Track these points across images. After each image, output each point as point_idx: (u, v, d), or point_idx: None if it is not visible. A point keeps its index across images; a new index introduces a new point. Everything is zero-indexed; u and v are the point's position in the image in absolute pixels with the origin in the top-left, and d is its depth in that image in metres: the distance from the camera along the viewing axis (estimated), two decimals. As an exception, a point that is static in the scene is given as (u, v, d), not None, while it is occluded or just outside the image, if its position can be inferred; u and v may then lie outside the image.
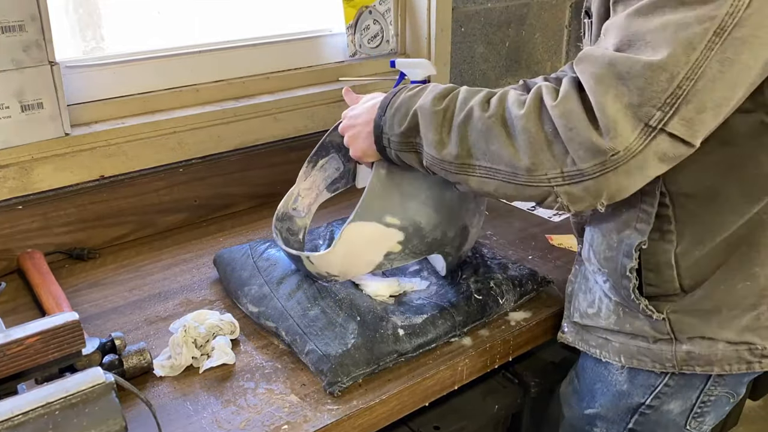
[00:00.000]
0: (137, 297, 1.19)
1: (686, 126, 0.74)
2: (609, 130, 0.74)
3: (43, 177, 1.27)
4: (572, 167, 0.78)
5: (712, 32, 0.71)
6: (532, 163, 0.81)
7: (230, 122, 1.46)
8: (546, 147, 0.79)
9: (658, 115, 0.73)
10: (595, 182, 0.78)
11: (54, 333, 0.77)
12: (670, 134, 0.74)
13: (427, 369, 1.01)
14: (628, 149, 0.75)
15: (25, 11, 1.15)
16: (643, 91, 0.73)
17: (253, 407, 0.93)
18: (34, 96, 1.21)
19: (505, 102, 0.85)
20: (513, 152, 0.82)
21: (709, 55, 0.72)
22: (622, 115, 0.74)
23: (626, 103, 0.74)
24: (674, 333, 0.95)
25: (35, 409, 0.68)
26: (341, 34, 1.65)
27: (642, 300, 0.94)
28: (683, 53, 0.72)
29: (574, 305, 1.06)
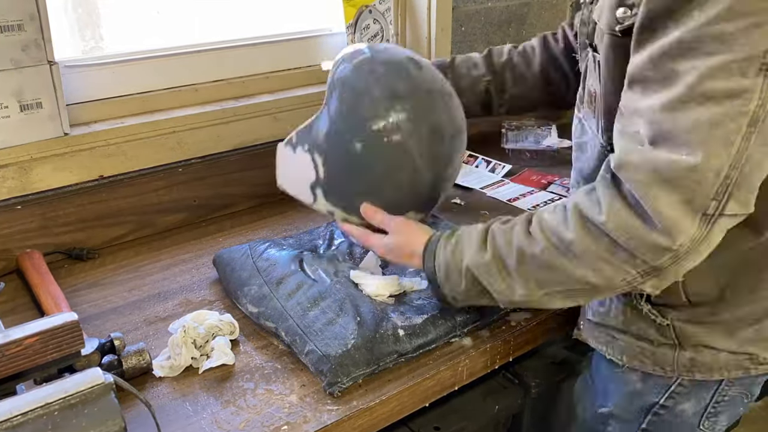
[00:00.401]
0: (136, 297, 1.19)
1: (743, 205, 0.77)
2: (670, 230, 0.77)
3: (42, 177, 1.26)
4: (645, 266, 0.81)
5: (746, 125, 0.73)
6: (607, 277, 0.83)
7: (230, 122, 1.46)
8: (611, 258, 0.82)
9: (713, 205, 0.76)
10: (671, 270, 0.81)
11: (53, 333, 0.76)
12: (729, 215, 0.77)
13: (428, 369, 1.00)
14: (694, 239, 0.77)
15: (24, 10, 1.15)
16: (694, 190, 0.75)
17: (253, 408, 0.93)
18: (33, 96, 1.20)
19: (547, 230, 0.87)
20: (583, 274, 0.84)
21: (748, 144, 0.74)
22: (680, 213, 0.76)
23: (679, 201, 0.76)
24: (678, 339, 0.96)
25: (34, 409, 0.68)
26: (341, 34, 1.64)
27: (645, 306, 0.96)
28: (723, 150, 0.74)
29: (589, 303, 1.07)
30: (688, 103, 0.75)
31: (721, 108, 0.73)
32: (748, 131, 0.73)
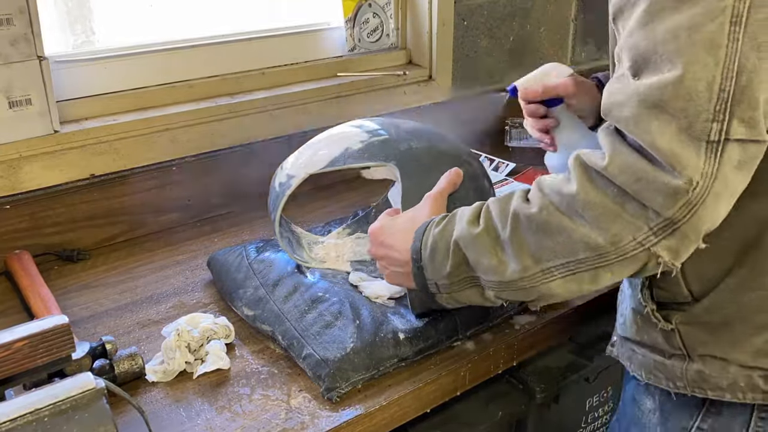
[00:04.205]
0: (129, 300, 1.18)
1: (748, 125, 0.68)
2: (673, 165, 0.69)
3: (31, 176, 1.25)
4: (658, 219, 0.71)
5: (729, 23, 0.67)
6: (614, 235, 0.73)
7: (225, 119, 1.45)
8: (620, 211, 0.73)
9: (715, 127, 0.68)
10: (689, 224, 0.71)
11: (43, 337, 0.75)
12: (736, 140, 0.69)
13: (429, 374, 0.99)
14: (705, 174, 0.69)
15: (13, 4, 1.14)
16: (687, 110, 0.68)
17: (249, 414, 0.92)
18: (22, 92, 1.20)
19: (546, 188, 0.79)
20: (585, 233, 0.75)
21: (736, 47, 0.67)
22: (678, 143, 0.69)
23: (676, 130, 0.69)
24: (686, 348, 0.88)
25: (23, 415, 0.68)
26: (339, 28, 1.64)
27: (649, 303, 0.89)
28: (708, 55, 0.67)
29: (618, 316, 0.99)
30: (661, 12, 0.69)
31: (696, 8, 0.67)
32: (733, 31, 0.66)
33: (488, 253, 0.83)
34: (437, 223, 0.90)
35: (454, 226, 0.87)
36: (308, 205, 1.48)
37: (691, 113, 0.68)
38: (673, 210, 0.70)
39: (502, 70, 1.91)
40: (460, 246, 0.86)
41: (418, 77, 1.71)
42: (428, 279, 0.91)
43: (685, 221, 0.71)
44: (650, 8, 0.70)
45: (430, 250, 0.89)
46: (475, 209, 0.87)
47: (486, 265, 0.84)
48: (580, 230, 0.75)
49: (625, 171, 0.72)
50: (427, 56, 1.72)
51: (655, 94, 0.69)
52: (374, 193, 1.47)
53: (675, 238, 0.72)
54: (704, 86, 0.67)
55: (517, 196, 0.82)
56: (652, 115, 0.69)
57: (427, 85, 1.73)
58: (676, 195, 0.69)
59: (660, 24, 0.69)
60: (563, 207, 0.76)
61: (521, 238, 0.80)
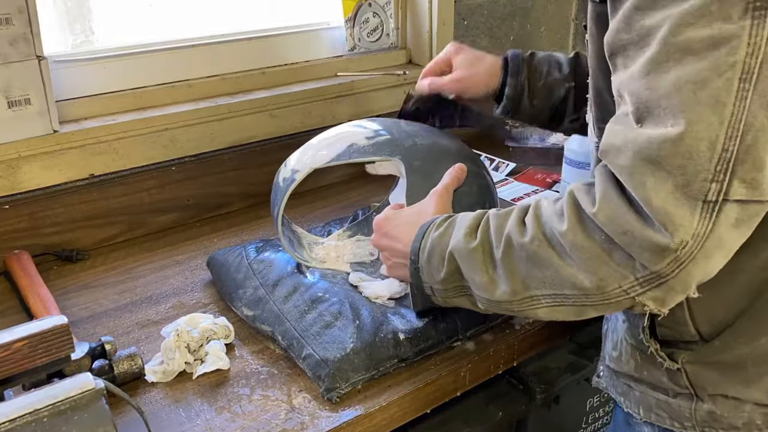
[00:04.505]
0: (128, 300, 1.17)
1: (749, 187, 0.64)
2: (665, 225, 0.65)
3: (30, 175, 1.25)
4: (645, 271, 0.69)
5: (738, 80, 0.62)
6: (599, 280, 0.71)
7: (224, 119, 1.45)
8: (607, 258, 0.70)
9: (714, 187, 0.64)
10: (677, 279, 0.68)
11: (42, 337, 0.75)
12: (736, 201, 0.65)
13: (429, 374, 0.99)
14: (696, 235, 0.65)
15: (12, 4, 1.14)
16: (685, 168, 0.64)
17: (249, 414, 0.92)
18: (21, 91, 1.19)
19: (540, 218, 0.76)
20: (572, 273, 0.73)
21: (744, 105, 0.62)
22: (673, 201, 0.65)
23: (672, 188, 0.65)
24: (694, 388, 0.83)
25: (23, 416, 0.67)
26: (339, 28, 1.63)
27: (651, 342, 0.84)
28: (713, 113, 0.63)
29: (605, 346, 0.96)
30: (665, 63, 0.64)
31: (703, 62, 0.62)
32: (742, 88, 0.62)
33: (480, 270, 0.82)
34: (438, 225, 0.89)
35: (452, 233, 0.86)
36: (308, 205, 1.48)
37: (690, 172, 0.64)
38: (661, 266, 0.68)
39: (502, 70, 1.90)
40: (454, 257, 0.85)
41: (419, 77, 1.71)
42: (424, 281, 0.91)
43: (673, 276, 0.68)
44: (656, 57, 0.66)
45: (427, 254, 0.89)
46: (475, 219, 0.85)
47: (477, 282, 0.83)
48: (568, 269, 0.74)
49: (612, 222, 0.69)
50: (427, 56, 1.71)
51: (654, 149, 0.65)
52: (374, 193, 1.47)
53: (661, 290, 0.70)
54: (706, 146, 0.63)
55: (515, 216, 0.80)
56: (648, 171, 0.66)
57: (427, 85, 1.72)
58: (664, 252, 0.67)
59: (664, 75, 0.65)
60: (554, 242, 0.74)
61: (513, 263, 0.79)
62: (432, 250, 0.88)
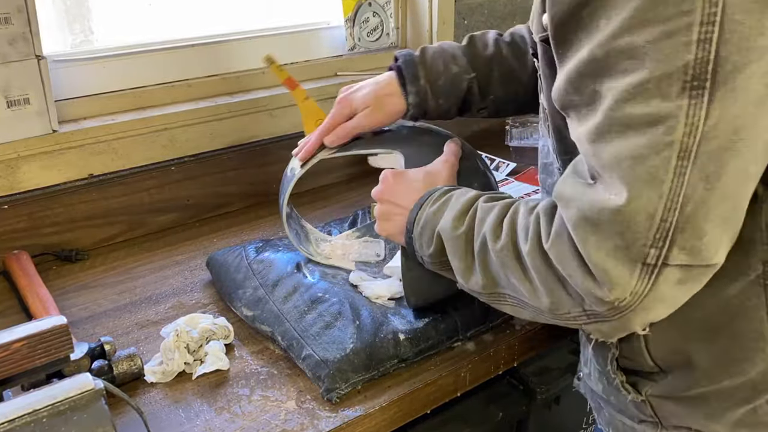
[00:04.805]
0: (127, 300, 1.17)
1: (691, 254, 0.64)
2: (603, 281, 0.66)
3: (29, 175, 1.25)
4: (592, 307, 0.70)
5: (676, 158, 0.62)
6: (552, 303, 0.73)
7: (224, 119, 1.44)
8: (560, 286, 0.72)
9: (653, 252, 0.64)
10: (619, 323, 0.69)
11: (41, 337, 0.75)
12: (677, 265, 0.65)
13: (429, 375, 0.99)
14: (635, 293, 0.66)
15: (12, 3, 1.13)
16: (624, 235, 0.64)
17: (248, 415, 0.91)
18: (20, 91, 1.19)
19: (515, 228, 0.77)
20: (531, 289, 0.75)
21: (683, 181, 0.62)
22: (612, 261, 0.65)
23: (611, 248, 0.65)
24: (659, 418, 0.83)
25: (22, 416, 0.67)
26: (339, 27, 1.63)
27: (618, 374, 0.84)
28: (650, 189, 0.63)
29: (581, 354, 0.96)
30: (608, 134, 0.65)
31: (642, 138, 0.63)
32: (680, 165, 0.62)
33: (460, 257, 0.84)
34: (435, 200, 0.90)
35: (444, 212, 0.87)
36: (308, 205, 1.48)
37: (628, 238, 0.64)
38: (601, 309, 0.69)
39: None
40: (441, 237, 0.87)
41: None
42: (416, 250, 0.93)
43: (615, 319, 0.69)
44: (600, 127, 0.66)
45: (420, 227, 0.90)
46: (467, 203, 0.86)
47: (456, 266, 0.85)
48: (527, 285, 0.75)
49: (560, 262, 0.70)
50: (427, 55, 1.71)
51: (595, 212, 0.66)
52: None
53: (605, 326, 0.71)
54: (644, 217, 0.64)
55: (495, 215, 0.81)
56: (589, 229, 0.66)
57: (427, 85, 1.72)
58: (602, 302, 0.68)
59: (607, 146, 0.66)
60: (520, 256, 0.76)
61: (485, 260, 0.81)
62: (425, 225, 0.90)
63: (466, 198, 0.86)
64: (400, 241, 0.98)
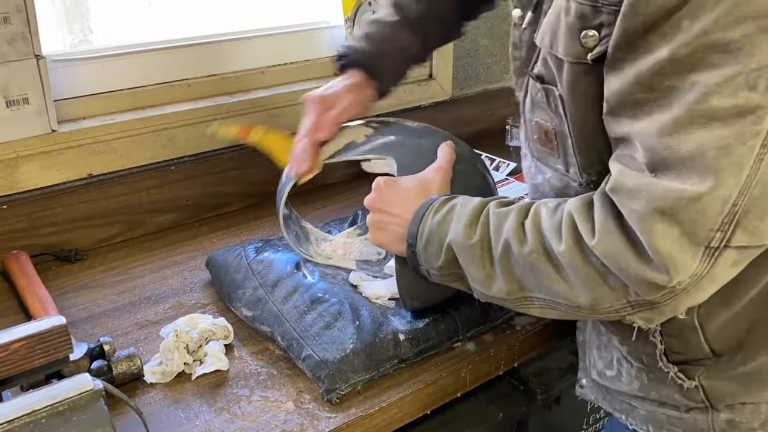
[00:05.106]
0: (127, 300, 1.17)
1: (751, 235, 0.67)
2: (667, 266, 0.68)
3: (28, 175, 1.24)
4: (638, 297, 0.72)
5: (759, 146, 0.65)
6: (593, 299, 0.75)
7: (224, 118, 1.44)
8: (601, 281, 0.73)
9: (718, 237, 0.67)
10: (668, 306, 0.72)
11: (40, 338, 0.75)
12: (736, 247, 0.68)
13: (429, 375, 0.99)
14: (694, 275, 0.68)
15: (11, 3, 1.13)
16: (696, 222, 0.66)
17: (248, 415, 0.91)
18: (19, 91, 1.18)
19: (540, 230, 0.77)
20: (567, 288, 0.76)
21: (759, 166, 0.65)
22: (678, 248, 0.67)
23: (678, 235, 0.67)
24: (710, 401, 0.84)
25: (20, 417, 0.67)
26: (339, 27, 1.62)
27: (671, 368, 0.85)
28: (732, 177, 0.65)
29: (589, 359, 0.97)
30: (690, 126, 0.66)
31: (728, 129, 0.64)
32: (761, 153, 0.65)
33: (478, 266, 0.83)
34: (437, 210, 0.89)
35: (451, 221, 0.86)
36: (308, 205, 1.47)
37: (699, 224, 0.67)
38: (654, 297, 0.71)
39: (503, 69, 1.90)
40: (452, 248, 0.85)
41: (418, 76, 1.70)
42: (421, 264, 0.91)
43: (665, 303, 0.71)
44: (680, 119, 0.67)
45: (425, 240, 0.89)
46: (475, 211, 0.85)
47: (474, 276, 0.84)
48: (563, 284, 0.76)
49: (610, 257, 0.71)
50: (427, 55, 1.70)
51: (669, 202, 0.67)
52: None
53: (652, 313, 0.73)
54: (720, 203, 0.66)
55: (514, 219, 0.81)
56: (658, 218, 0.68)
57: (427, 84, 1.72)
58: (659, 288, 0.69)
59: (688, 137, 0.67)
60: (551, 256, 0.76)
61: (510, 266, 0.81)
62: (430, 237, 0.88)
63: (472, 206, 0.86)
64: (394, 251, 0.97)
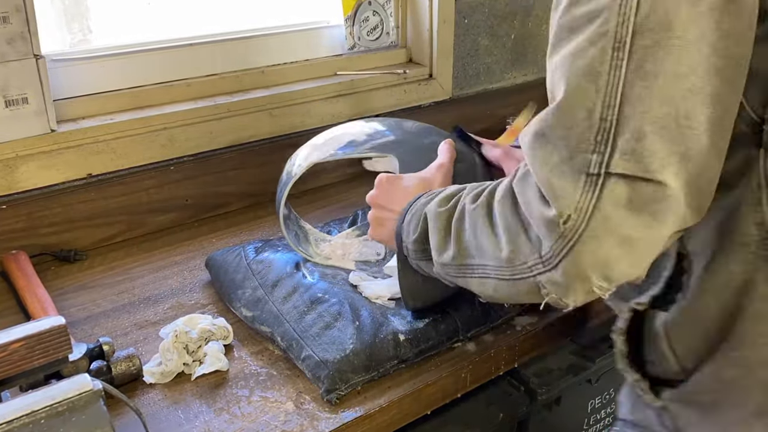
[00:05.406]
0: (126, 300, 1.17)
1: (631, 159, 0.62)
2: (550, 196, 0.65)
3: (28, 175, 1.24)
4: (545, 250, 0.68)
5: (611, 49, 0.63)
6: (511, 251, 0.72)
7: (223, 118, 1.44)
8: (522, 232, 0.71)
9: (595, 159, 0.63)
10: (569, 261, 0.66)
11: (39, 338, 0.75)
12: (620, 175, 0.63)
13: (429, 376, 0.98)
14: (578, 209, 0.64)
15: (10, 2, 1.13)
16: (567, 139, 0.64)
17: (248, 416, 0.91)
18: (18, 90, 1.18)
19: (494, 191, 0.77)
20: (494, 242, 0.75)
21: (619, 74, 0.63)
22: (557, 173, 0.65)
23: (557, 161, 0.65)
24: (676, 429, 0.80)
25: (19, 417, 0.67)
26: (339, 26, 1.63)
27: (630, 372, 0.82)
28: (587, 81, 0.63)
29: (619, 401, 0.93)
30: (559, 43, 0.67)
31: (582, 35, 0.64)
32: (616, 57, 0.62)
33: (438, 232, 0.84)
34: (431, 193, 0.91)
35: (433, 200, 0.88)
36: (308, 204, 1.47)
37: (572, 142, 0.64)
38: (551, 242, 0.67)
39: (503, 69, 1.90)
40: (426, 217, 0.87)
41: (419, 76, 1.70)
42: (403, 240, 0.92)
43: (563, 256, 0.66)
44: (553, 41, 0.69)
45: (411, 214, 0.91)
46: (457, 188, 0.87)
47: (433, 242, 0.85)
48: (492, 238, 0.75)
49: (521, 193, 0.71)
50: (427, 55, 1.70)
51: (543, 121, 0.67)
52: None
53: (557, 273, 0.68)
54: (584, 114, 0.64)
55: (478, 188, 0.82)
56: (538, 144, 0.67)
57: (427, 84, 1.72)
58: (550, 225, 0.66)
59: (557, 54, 0.68)
60: (491, 210, 0.76)
61: (460, 228, 0.81)
62: (416, 211, 0.90)
63: (455, 187, 0.88)
64: (393, 246, 0.98)
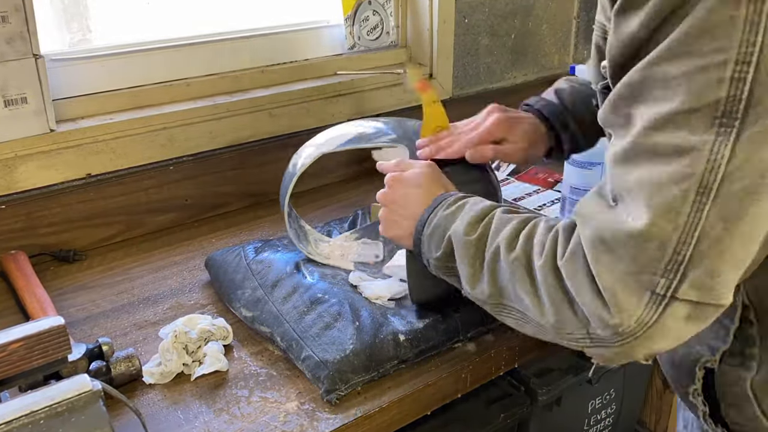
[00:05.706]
0: (125, 301, 1.17)
1: (701, 291, 0.64)
2: (611, 304, 0.66)
3: (27, 175, 1.24)
4: (596, 331, 0.70)
5: (695, 193, 0.62)
6: (557, 321, 0.73)
7: (223, 118, 1.44)
8: (568, 305, 0.72)
9: (663, 282, 0.64)
10: (622, 350, 0.69)
11: (38, 338, 0.75)
12: (686, 301, 0.65)
13: (429, 376, 0.98)
14: (640, 321, 0.66)
15: (9, 2, 1.13)
16: (636, 259, 0.65)
17: (247, 416, 0.91)
18: (17, 90, 1.18)
19: (531, 241, 0.77)
20: (537, 304, 0.75)
21: (700, 216, 0.63)
22: (622, 285, 0.66)
23: (622, 272, 0.66)
24: None
25: (19, 418, 0.67)
26: (339, 26, 1.62)
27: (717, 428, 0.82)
28: (665, 220, 0.63)
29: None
30: (636, 157, 0.66)
31: (667, 167, 0.63)
32: (698, 201, 0.62)
33: (469, 263, 0.83)
34: (450, 204, 0.90)
35: (458, 217, 0.87)
36: (309, 204, 1.47)
37: (640, 263, 0.65)
38: (605, 334, 0.68)
39: (503, 69, 1.90)
40: (452, 242, 0.86)
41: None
42: (423, 252, 0.92)
43: (618, 346, 0.69)
44: (628, 151, 0.67)
45: (431, 229, 0.90)
46: (483, 212, 0.86)
47: (464, 272, 0.85)
48: (534, 299, 0.75)
49: (570, 279, 0.70)
50: (427, 54, 1.70)
51: (609, 232, 0.67)
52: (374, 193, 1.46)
53: (607, 351, 0.71)
54: (656, 245, 0.64)
55: (512, 226, 0.81)
56: (602, 249, 0.67)
57: (427, 84, 1.72)
58: (607, 329, 0.68)
59: (633, 169, 0.67)
60: (531, 268, 0.76)
61: (496, 270, 0.80)
62: (437, 227, 0.89)
63: (481, 206, 0.87)
64: (405, 245, 0.97)
